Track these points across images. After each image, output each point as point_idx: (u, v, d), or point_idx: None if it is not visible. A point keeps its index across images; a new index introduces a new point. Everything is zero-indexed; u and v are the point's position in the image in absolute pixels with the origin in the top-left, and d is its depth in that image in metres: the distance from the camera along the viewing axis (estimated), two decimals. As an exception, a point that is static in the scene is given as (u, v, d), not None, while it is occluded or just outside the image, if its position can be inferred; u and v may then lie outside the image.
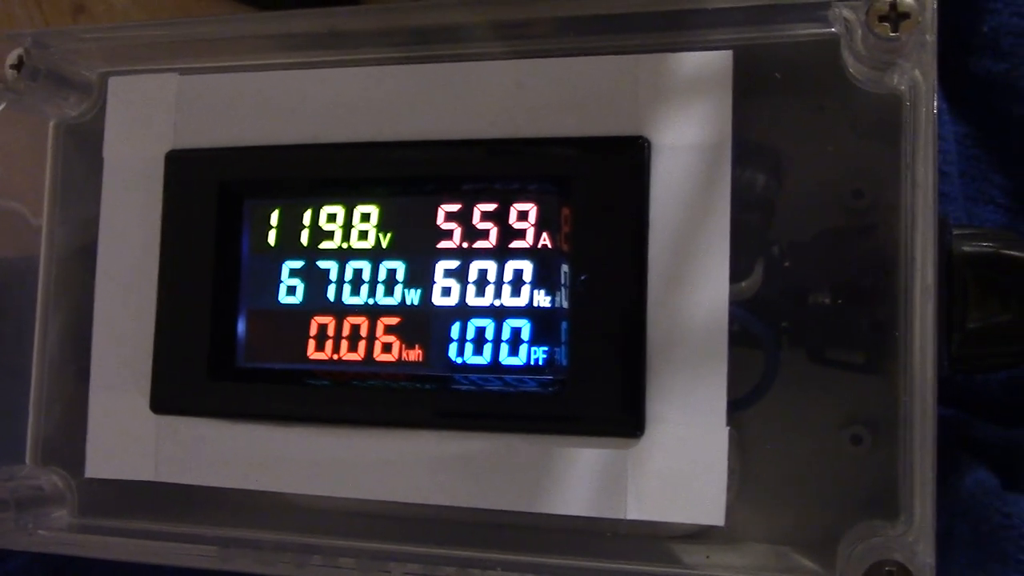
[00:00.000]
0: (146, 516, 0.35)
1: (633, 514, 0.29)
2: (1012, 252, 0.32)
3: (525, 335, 0.31)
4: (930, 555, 0.28)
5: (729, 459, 0.33)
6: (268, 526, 0.33)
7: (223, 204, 0.33)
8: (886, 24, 0.29)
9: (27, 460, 0.36)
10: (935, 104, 0.29)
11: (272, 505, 0.34)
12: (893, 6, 0.29)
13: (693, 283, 0.29)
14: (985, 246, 0.32)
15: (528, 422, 0.30)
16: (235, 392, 0.33)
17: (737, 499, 0.33)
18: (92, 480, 0.35)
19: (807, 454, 0.33)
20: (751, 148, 0.32)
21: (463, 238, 0.31)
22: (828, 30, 0.30)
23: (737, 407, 0.33)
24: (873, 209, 0.32)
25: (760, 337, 0.33)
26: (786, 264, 0.33)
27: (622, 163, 0.30)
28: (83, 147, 0.36)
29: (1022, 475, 0.34)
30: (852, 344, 0.33)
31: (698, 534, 0.33)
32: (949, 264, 0.32)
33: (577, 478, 0.30)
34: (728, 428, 0.29)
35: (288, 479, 0.32)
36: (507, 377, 0.31)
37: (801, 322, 0.33)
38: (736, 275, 0.32)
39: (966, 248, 0.32)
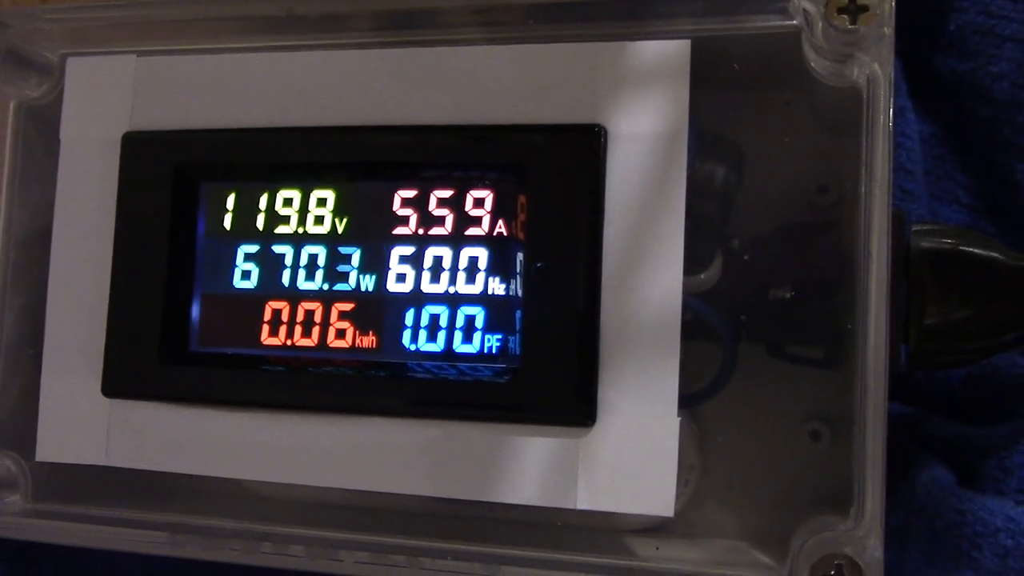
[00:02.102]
0: (99, 501, 0.34)
1: (583, 504, 0.29)
2: (971, 249, 0.32)
3: (479, 323, 0.30)
4: (879, 550, 0.28)
5: (688, 453, 0.33)
6: (219, 512, 0.33)
7: (179, 187, 0.33)
8: (845, 16, 0.29)
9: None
10: (892, 97, 0.29)
11: (223, 491, 0.34)
12: (852, -1, 0.29)
13: (647, 272, 0.29)
14: (944, 242, 0.32)
15: (480, 410, 0.30)
16: (187, 377, 0.32)
17: (696, 494, 0.33)
18: (45, 464, 0.35)
19: (766, 449, 0.33)
20: (712, 140, 0.32)
21: (419, 224, 0.31)
22: (789, 22, 0.30)
23: (695, 401, 0.33)
24: (837, 205, 0.32)
25: (718, 330, 0.32)
26: (746, 257, 0.33)
27: (578, 151, 0.30)
28: (43, 129, 0.36)
29: (978, 471, 0.34)
30: (811, 339, 0.32)
31: (655, 528, 0.33)
32: (907, 260, 0.32)
33: (528, 467, 0.29)
34: (680, 419, 0.29)
35: (239, 465, 0.32)
36: (461, 365, 0.31)
37: (760, 316, 0.33)
38: (695, 267, 0.32)
39: (925, 244, 0.32)
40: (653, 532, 0.33)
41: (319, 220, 0.32)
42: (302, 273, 0.32)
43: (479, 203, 0.31)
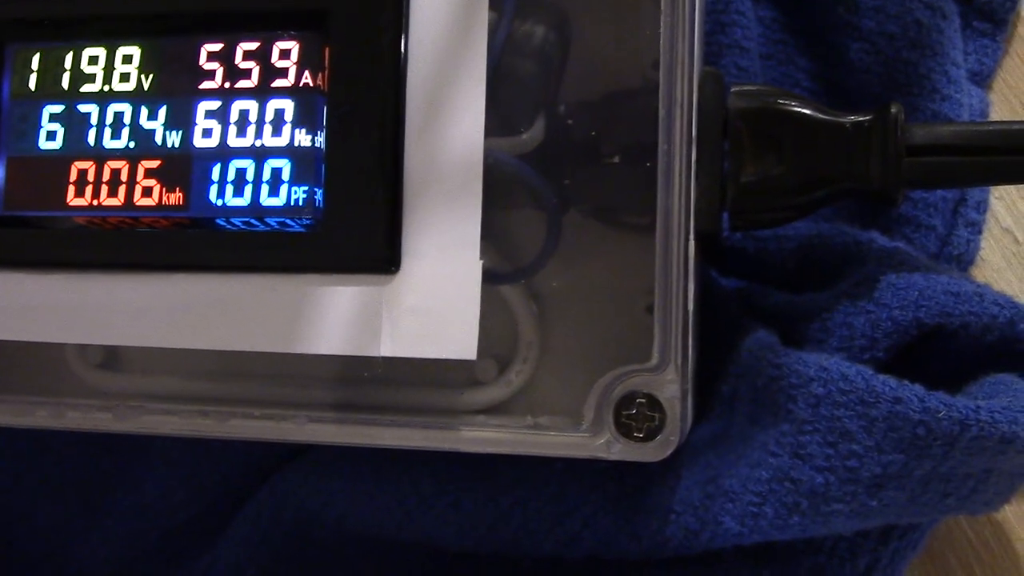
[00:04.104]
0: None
1: (387, 351, 0.29)
2: (786, 106, 0.32)
3: (285, 175, 0.30)
4: (677, 388, 0.28)
5: (527, 331, 0.33)
6: (30, 379, 0.32)
7: (-18, 49, 0.32)
8: None
9: None
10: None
11: (34, 356, 0.33)
12: None
13: (450, 120, 0.29)
14: (761, 100, 0.32)
15: (287, 262, 0.30)
16: (-7, 240, 0.32)
17: (535, 371, 0.33)
18: None
19: (603, 325, 0.33)
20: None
21: (225, 78, 0.30)
22: None
23: (528, 271, 0.33)
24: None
25: (539, 190, 0.32)
26: (570, 122, 0.33)
27: (379, -3, 0.29)
28: None
29: (803, 336, 0.34)
30: (636, 206, 0.32)
31: (494, 409, 0.33)
32: (725, 121, 0.32)
33: (334, 317, 0.29)
34: (481, 262, 0.29)
35: (48, 327, 0.31)
36: (268, 218, 0.30)
37: (585, 180, 0.33)
38: (515, 126, 0.32)
39: (742, 104, 0.32)
40: (493, 412, 0.33)
41: (125, 77, 0.31)
42: (108, 132, 0.31)
43: (285, 54, 0.30)
